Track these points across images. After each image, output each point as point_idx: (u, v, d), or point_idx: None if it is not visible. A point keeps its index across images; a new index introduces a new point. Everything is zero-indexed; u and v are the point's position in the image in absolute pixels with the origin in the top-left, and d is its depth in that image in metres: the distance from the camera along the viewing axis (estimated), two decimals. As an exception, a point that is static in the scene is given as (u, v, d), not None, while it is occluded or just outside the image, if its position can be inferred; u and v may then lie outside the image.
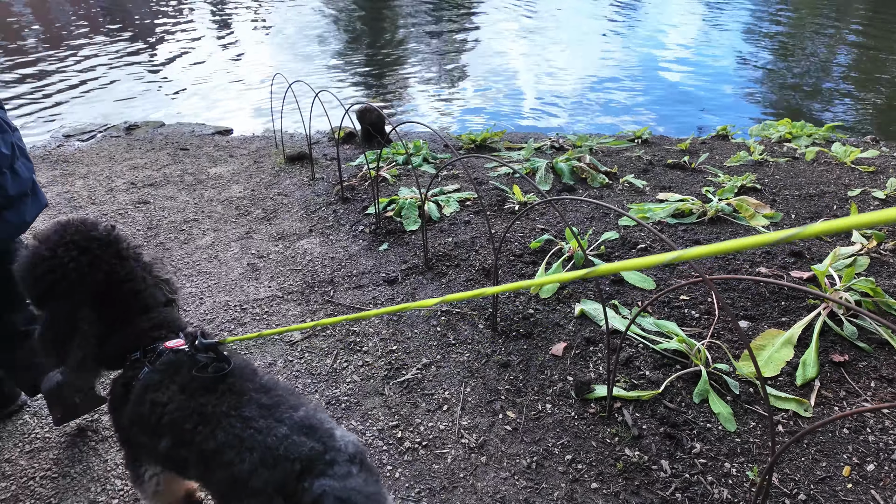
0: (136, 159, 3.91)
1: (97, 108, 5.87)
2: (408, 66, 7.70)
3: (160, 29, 9.98)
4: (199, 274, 2.48)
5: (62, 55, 8.01)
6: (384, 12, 11.81)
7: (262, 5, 12.68)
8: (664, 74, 7.21)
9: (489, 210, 2.85)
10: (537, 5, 12.56)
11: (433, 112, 6.06)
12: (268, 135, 4.52)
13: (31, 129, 5.00)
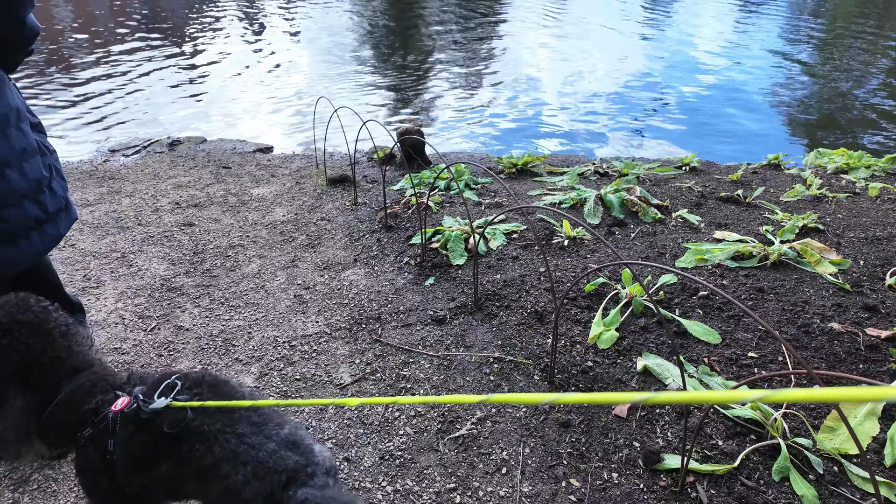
0: (179, 177, 3.96)
1: (139, 121, 5.99)
2: (440, 80, 7.68)
3: (197, 38, 10.18)
4: (246, 305, 2.47)
5: (104, 66, 8.22)
6: (413, 20, 11.85)
7: (294, 15, 12.85)
8: (698, 89, 7.03)
9: (537, 244, 2.78)
10: (564, 15, 12.46)
11: (467, 129, 6.02)
12: (308, 153, 4.53)
13: (75, 144, 5.11)
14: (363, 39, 10.64)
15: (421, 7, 14.10)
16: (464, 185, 3.60)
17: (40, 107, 6.40)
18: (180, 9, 13.48)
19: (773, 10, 13.11)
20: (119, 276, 2.71)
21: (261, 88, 7.21)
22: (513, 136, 5.86)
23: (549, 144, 5.62)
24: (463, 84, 7.52)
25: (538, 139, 5.76)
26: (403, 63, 8.64)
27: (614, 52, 9.22)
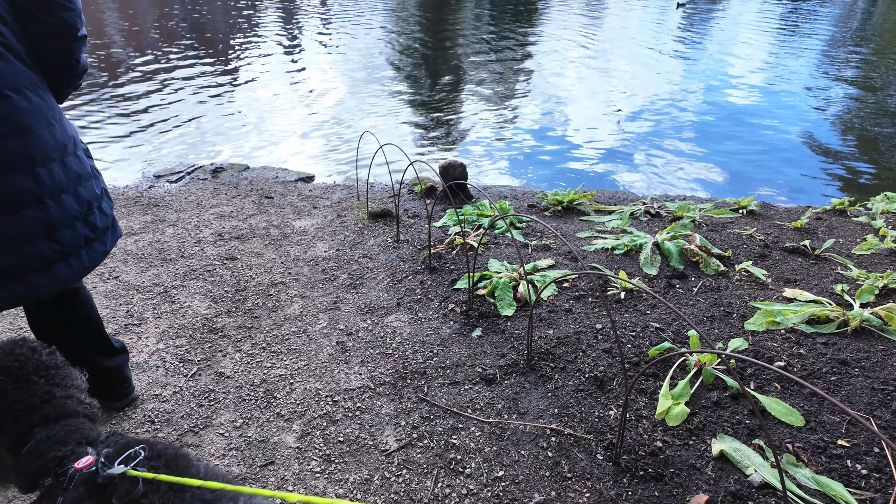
0: (222, 206, 3.96)
1: (182, 144, 6.10)
2: (474, 106, 7.64)
3: (239, 62, 10.44)
4: (288, 352, 2.39)
5: (150, 88, 8.46)
6: (448, 43, 11.92)
7: (331, 38, 13.09)
8: (740, 116, 6.78)
9: (590, 295, 2.64)
10: (598, 41, 12.34)
11: (505, 159, 5.92)
12: (349, 184, 4.50)
13: (121, 167, 5.21)
14: (399, 63, 10.74)
15: (455, 29, 14.22)
16: (508, 224, 3.48)
17: (88, 128, 6.59)
18: (224, 30, 13.91)
19: (815, 30, 12.74)
20: (161, 314, 2.67)
21: (300, 113, 7.30)
22: (550, 167, 5.74)
23: (588, 177, 5.48)
24: (499, 112, 7.46)
25: (575, 171, 5.63)
26: (438, 87, 8.65)
27: (651, 78, 9.05)
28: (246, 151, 5.93)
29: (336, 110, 7.41)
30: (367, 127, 6.69)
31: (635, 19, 16.60)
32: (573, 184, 5.32)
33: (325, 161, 5.72)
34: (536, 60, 10.72)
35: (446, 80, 9.21)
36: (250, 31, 14.11)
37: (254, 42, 12.53)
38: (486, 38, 13.12)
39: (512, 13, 18.29)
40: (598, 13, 18.44)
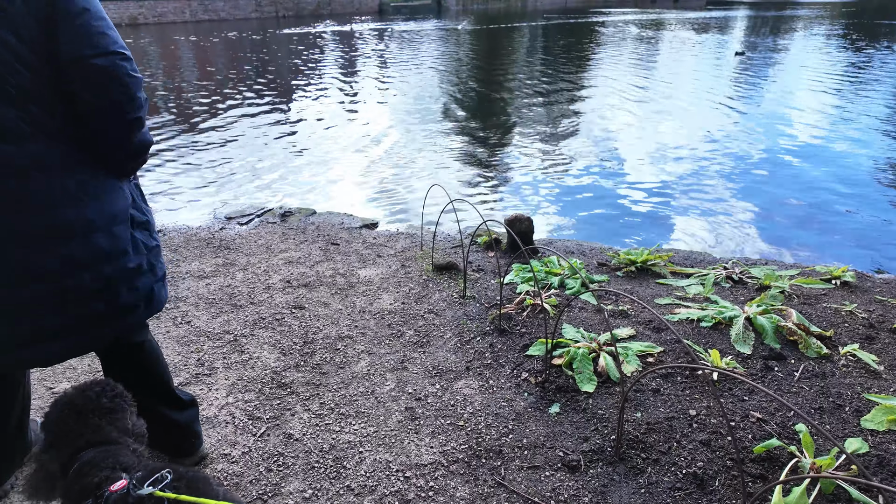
0: (290, 251, 4.01)
1: (249, 185, 6.32)
2: (529, 151, 7.60)
3: (301, 103, 10.90)
4: (357, 415, 2.31)
5: (219, 130, 8.92)
6: (499, 88, 12.08)
7: (388, 82, 13.53)
8: (807, 171, 6.41)
9: (679, 373, 2.44)
10: (652, 82, 12.19)
11: (566, 210, 5.81)
12: (412, 232, 4.49)
13: (193, 207, 5.43)
14: (453, 107, 10.93)
15: (508, 74, 14.45)
16: (579, 285, 3.34)
17: (161, 167, 6.96)
18: (288, 74, 14.68)
19: (882, 78, 12.14)
20: (231, 364, 2.66)
21: (359, 157, 7.48)
22: (611, 220, 5.58)
23: (647, 229, 5.28)
24: (553, 158, 7.39)
25: (634, 222, 5.44)
26: (492, 131, 8.71)
27: (707, 124, 8.80)
28: (309, 194, 6.09)
29: (393, 155, 7.56)
30: (420, 169, 6.77)
31: (689, 66, 16.42)
32: (629, 231, 5.14)
33: (384, 206, 5.78)
34: (589, 106, 10.69)
35: (500, 124, 9.28)
36: (313, 75, 14.83)
37: (316, 85, 13.12)
38: (538, 84, 13.25)
39: (564, 60, 18.50)
40: (651, 60, 18.39)
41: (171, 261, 3.81)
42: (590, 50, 21.70)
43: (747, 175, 6.63)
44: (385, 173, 6.78)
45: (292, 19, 36.55)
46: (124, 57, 1.38)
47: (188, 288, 3.40)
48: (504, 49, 22.25)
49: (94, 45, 1.32)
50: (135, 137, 1.49)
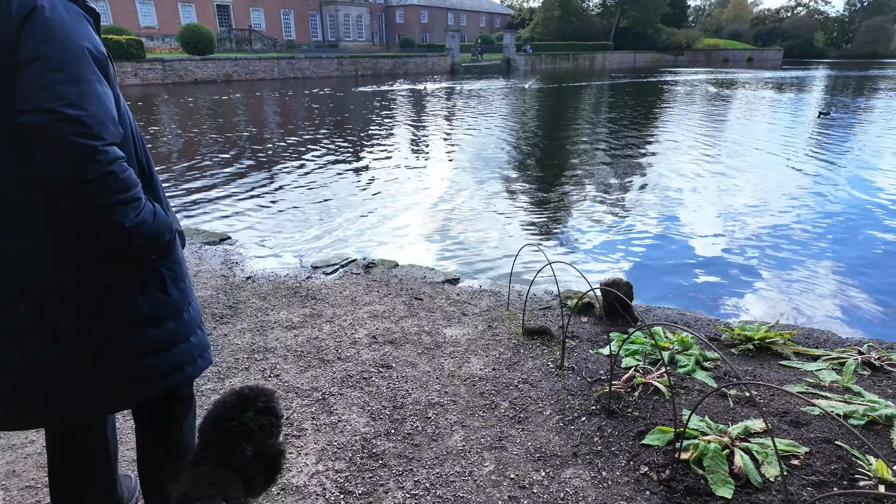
0: (374, 304, 3.93)
1: (328, 234, 6.44)
2: (605, 212, 7.32)
3: (374, 154, 11.25)
4: (455, 500, 2.08)
5: (297, 176, 9.30)
6: (565, 145, 11.97)
7: (457, 135, 13.80)
8: None
9: (832, 481, 2.06)
10: (725, 141, 11.63)
11: (655, 272, 5.46)
12: (495, 290, 4.32)
13: (279, 254, 5.55)
14: (521, 162, 10.91)
15: (573, 132, 14.39)
16: (693, 364, 3.01)
17: (244, 215, 7.25)
18: (364, 127, 15.36)
19: None
20: (320, 426, 2.53)
21: (437, 210, 7.49)
22: (707, 288, 5.17)
23: (755, 303, 4.82)
24: (634, 219, 7.07)
25: (734, 291, 5.00)
26: (559, 187, 8.53)
27: (799, 185, 8.19)
28: (387, 245, 6.10)
29: (466, 208, 7.53)
30: (494, 223, 6.66)
31: (765, 127, 15.74)
32: (727, 299, 4.70)
33: (462, 259, 5.68)
34: (661, 162, 10.35)
35: (569, 179, 9.11)
36: (388, 128, 15.43)
37: (390, 138, 13.61)
38: (608, 141, 13.07)
39: (633, 117, 18.32)
40: (725, 119, 17.83)
41: (261, 309, 3.82)
42: (659, 108, 21.44)
43: (856, 242, 6.04)
44: (460, 226, 6.73)
45: (370, 78, 38.89)
46: (66, 117, 1.08)
47: (277, 339, 3.37)
48: (571, 106, 22.42)
49: (29, 98, 1.08)
50: (110, 220, 1.17)
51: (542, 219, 7.16)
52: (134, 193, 1.20)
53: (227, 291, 4.12)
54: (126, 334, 1.34)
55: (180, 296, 1.46)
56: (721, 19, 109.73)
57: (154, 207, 1.29)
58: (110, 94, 1.20)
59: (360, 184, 8.96)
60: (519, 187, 8.85)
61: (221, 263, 4.74)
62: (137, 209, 1.21)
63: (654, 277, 5.37)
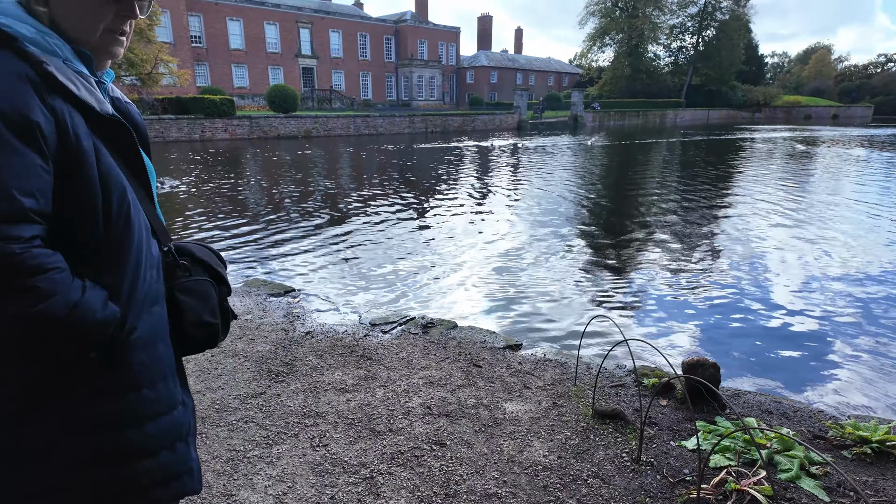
0: (431, 369, 3.74)
1: (392, 288, 6.37)
2: (675, 275, 6.80)
3: (435, 208, 11.30)
4: None
5: (362, 228, 9.45)
6: (631, 202, 11.47)
7: (520, 192, 13.68)
8: None
9: None
10: (809, 197, 10.65)
11: (732, 347, 4.91)
12: (561, 360, 4.01)
13: (340, 306, 5.53)
14: (583, 219, 10.57)
15: (643, 187, 13.87)
16: (796, 469, 2.55)
17: (315, 266, 7.37)
18: (429, 182, 15.65)
19: None
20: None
21: (500, 269, 7.30)
22: (802, 370, 4.57)
23: (863, 391, 4.17)
24: (709, 285, 6.51)
25: (834, 374, 4.36)
26: (623, 245, 8.08)
27: (884, 251, 7.26)
28: (446, 302, 5.95)
29: (529, 268, 7.28)
30: (557, 284, 6.34)
31: (857, 188, 14.49)
32: (828, 383, 4.07)
33: (523, 323, 5.40)
34: (737, 223, 9.65)
35: (635, 238, 8.65)
36: (453, 184, 15.65)
37: (455, 194, 13.74)
38: (677, 199, 12.47)
39: (705, 174, 17.54)
40: (810, 177, 16.66)
41: (316, 368, 3.73)
42: (737, 165, 20.49)
43: None
44: (523, 287, 6.48)
45: (439, 134, 40.31)
46: None
47: (329, 402, 3.24)
48: (641, 163, 21.92)
49: None
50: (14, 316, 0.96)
51: (611, 282, 6.78)
52: (32, 282, 0.97)
53: (285, 347, 4.09)
54: (63, 441, 1.08)
55: (141, 403, 1.15)
56: (802, 76, 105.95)
57: (77, 298, 1.02)
58: (21, 162, 0.97)
59: (424, 239, 8.98)
60: (585, 247, 8.52)
61: (283, 317, 4.76)
62: (37, 297, 0.98)
63: (740, 354, 4.83)
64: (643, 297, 6.22)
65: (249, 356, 3.91)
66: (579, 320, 5.40)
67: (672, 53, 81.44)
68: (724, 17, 74.55)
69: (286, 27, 56.88)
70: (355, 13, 66.47)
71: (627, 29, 69.03)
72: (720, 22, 74.50)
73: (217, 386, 3.45)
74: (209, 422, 3.02)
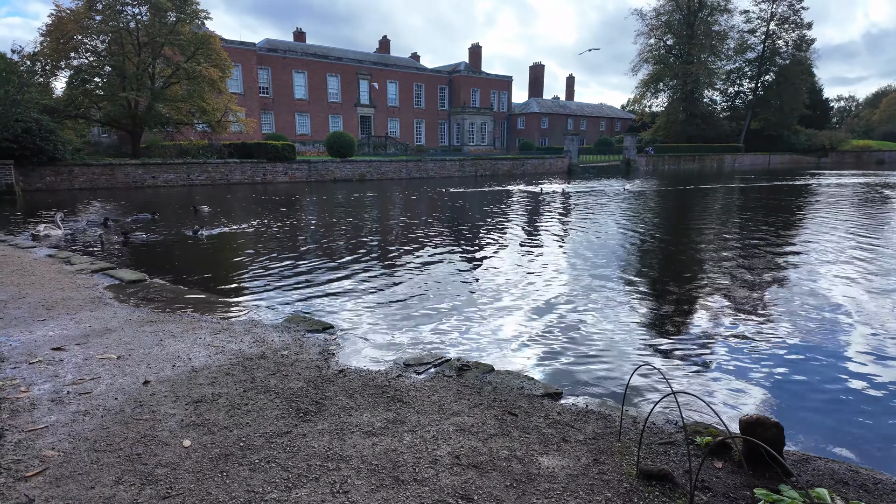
0: (463, 415, 3.56)
1: (429, 326, 6.26)
2: (730, 324, 6.28)
3: (482, 250, 11.18)
4: None
5: (407, 267, 9.43)
6: (687, 249, 10.89)
7: (566, 234, 13.37)
8: None
9: None
10: (886, 247, 9.70)
11: (799, 404, 4.42)
12: (605, 412, 3.72)
13: (377, 343, 5.45)
14: (639, 265, 10.12)
15: (697, 232, 13.23)
16: (882, 554, 2.17)
17: (357, 303, 7.38)
18: (475, 224, 15.64)
19: None
20: (379, 567, 2.15)
21: (541, 313, 7.05)
22: (883, 435, 4.03)
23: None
24: (769, 335, 5.98)
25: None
26: (681, 295, 7.60)
27: None
28: (484, 344, 5.76)
29: (574, 313, 6.99)
30: (596, 332, 6.01)
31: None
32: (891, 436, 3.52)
33: (565, 369, 5.12)
34: (802, 272, 8.92)
35: (688, 286, 8.15)
36: (498, 227, 15.56)
37: (500, 235, 13.63)
38: (735, 245, 11.79)
39: (767, 221, 16.61)
40: (885, 224, 15.42)
41: (345, 408, 3.64)
42: (803, 211, 19.35)
43: None
44: (565, 332, 6.20)
45: (489, 178, 40.74)
46: None
47: (354, 446, 3.12)
48: (696, 208, 21.14)
49: None
50: None
51: (662, 330, 6.39)
52: None
53: (317, 385, 4.03)
54: None
55: None
56: (872, 120, 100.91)
57: None
58: None
59: (469, 280, 8.87)
60: (636, 293, 8.14)
61: (319, 353, 4.73)
62: None
63: (807, 414, 4.35)
64: (697, 347, 5.79)
65: (281, 392, 3.87)
66: (626, 370, 5.07)
67: (729, 98, 79.84)
68: (785, 61, 72.76)
69: (347, 79, 60.26)
70: (412, 65, 69.68)
71: (682, 75, 68.48)
72: (780, 66, 72.71)
73: (245, 422, 3.41)
74: (232, 460, 2.96)
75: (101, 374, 4.16)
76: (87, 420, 3.42)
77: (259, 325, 5.52)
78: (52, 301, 6.12)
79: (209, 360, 4.47)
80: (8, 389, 3.85)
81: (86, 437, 3.21)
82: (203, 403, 3.67)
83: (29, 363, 4.34)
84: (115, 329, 5.20)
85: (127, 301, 6.27)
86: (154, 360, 4.47)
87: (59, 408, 3.58)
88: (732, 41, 72.37)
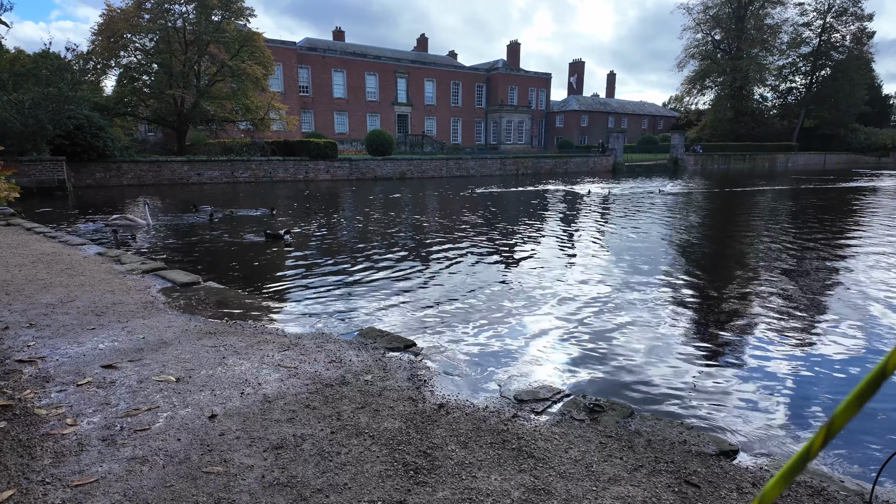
0: (623, 483, 2.68)
1: (492, 341, 5.41)
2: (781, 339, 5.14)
3: (521, 254, 10.25)
4: None
5: (451, 269, 8.58)
6: (731, 256, 9.65)
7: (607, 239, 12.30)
8: None
9: None
10: None
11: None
12: (816, 483, 2.78)
13: (474, 375, 4.63)
14: (678, 272, 8.99)
15: (743, 240, 11.91)
16: None
17: (420, 310, 6.58)
18: (527, 222, 14.69)
19: None
20: None
21: (669, 338, 6.10)
22: None
23: None
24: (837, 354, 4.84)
25: None
26: (728, 307, 6.49)
27: None
28: (587, 362, 4.87)
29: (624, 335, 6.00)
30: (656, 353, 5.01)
31: None
32: None
33: (712, 410, 4.18)
34: (865, 286, 7.63)
35: (733, 300, 7.02)
36: (555, 224, 14.57)
37: (539, 239, 12.65)
38: (783, 249, 10.47)
39: (815, 221, 15.08)
40: None
41: (463, 464, 2.81)
42: (856, 219, 17.62)
43: None
44: (705, 362, 5.24)
45: (531, 177, 39.61)
46: None
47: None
48: (742, 212, 19.60)
49: None
50: None
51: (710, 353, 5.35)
52: None
53: (418, 426, 3.23)
54: None
55: None
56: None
57: None
58: None
59: (557, 291, 7.98)
60: (679, 305, 7.07)
61: (408, 379, 3.94)
62: None
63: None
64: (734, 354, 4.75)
65: (377, 436, 3.08)
66: (807, 414, 4.09)
67: (780, 95, 76.07)
68: (842, 56, 68.75)
69: (385, 77, 60.02)
70: (449, 63, 68.98)
71: (730, 71, 65.51)
72: (837, 61, 68.75)
73: (342, 483, 2.63)
74: (340, 549, 2.17)
75: (160, 402, 3.47)
76: (146, 472, 2.70)
77: (331, 339, 4.77)
78: (102, 306, 5.54)
79: (283, 387, 3.74)
80: (52, 422, 3.18)
81: (146, 498, 2.48)
82: (285, 450, 2.92)
83: (77, 385, 3.70)
84: (170, 342, 4.54)
85: (182, 307, 5.64)
86: (218, 384, 3.76)
87: (112, 451, 2.88)
88: (786, 35, 68.89)
